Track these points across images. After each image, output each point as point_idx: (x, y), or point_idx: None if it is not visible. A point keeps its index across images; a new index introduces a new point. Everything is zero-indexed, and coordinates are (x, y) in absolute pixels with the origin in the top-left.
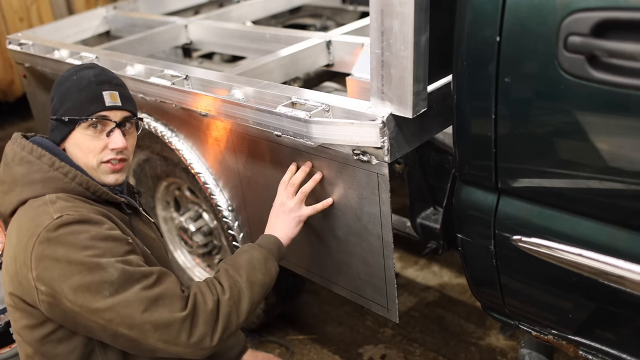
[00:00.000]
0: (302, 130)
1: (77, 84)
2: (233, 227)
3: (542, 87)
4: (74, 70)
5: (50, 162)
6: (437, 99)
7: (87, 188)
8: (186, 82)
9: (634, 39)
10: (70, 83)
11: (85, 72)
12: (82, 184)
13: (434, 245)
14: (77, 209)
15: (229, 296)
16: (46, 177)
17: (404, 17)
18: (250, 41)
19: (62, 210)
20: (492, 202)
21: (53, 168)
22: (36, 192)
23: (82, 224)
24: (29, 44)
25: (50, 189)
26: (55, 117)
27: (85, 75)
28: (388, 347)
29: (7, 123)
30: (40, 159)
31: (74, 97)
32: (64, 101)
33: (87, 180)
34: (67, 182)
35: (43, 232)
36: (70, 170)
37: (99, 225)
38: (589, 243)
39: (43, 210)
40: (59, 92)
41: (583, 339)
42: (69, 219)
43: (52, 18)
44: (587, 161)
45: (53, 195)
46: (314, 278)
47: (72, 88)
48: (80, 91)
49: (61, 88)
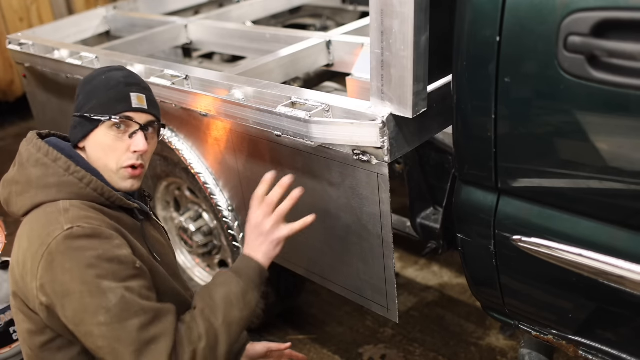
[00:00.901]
0: (302, 130)
1: (106, 83)
2: (233, 227)
3: (542, 87)
4: (103, 71)
5: (65, 166)
6: (437, 99)
7: (102, 194)
8: (186, 82)
9: (634, 39)
10: (99, 82)
11: (115, 73)
12: (97, 190)
13: (434, 245)
14: (89, 220)
15: (205, 344)
16: (61, 182)
17: (404, 17)
18: (250, 41)
19: (74, 221)
20: (492, 202)
21: (68, 172)
22: (50, 197)
23: (91, 239)
24: (29, 44)
25: (64, 194)
26: (80, 114)
27: (114, 76)
28: (388, 347)
29: (7, 123)
30: (56, 162)
31: (102, 95)
32: (90, 99)
33: (102, 186)
34: (82, 187)
35: (53, 242)
36: (86, 176)
37: (109, 242)
38: (589, 243)
39: (55, 218)
40: (85, 90)
41: (583, 339)
42: (79, 232)
43: (52, 18)
44: (587, 161)
45: (67, 202)
46: (314, 278)
47: (100, 87)
48: (109, 90)
49: (88, 87)
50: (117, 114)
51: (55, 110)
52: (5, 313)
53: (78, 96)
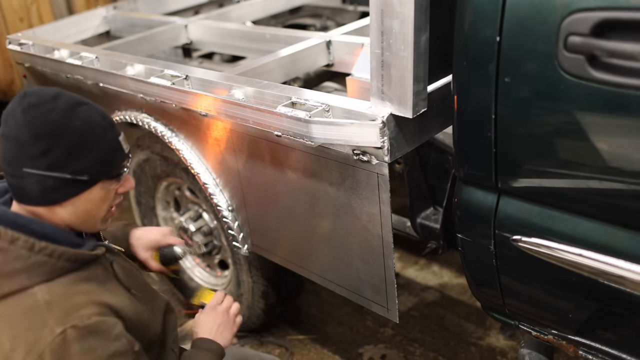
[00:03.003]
0: (302, 130)
1: (89, 133)
2: (233, 227)
3: (542, 87)
4: (69, 112)
5: (28, 246)
6: (437, 99)
7: (75, 261)
8: (186, 82)
9: (634, 39)
10: (78, 133)
11: (85, 114)
12: (70, 259)
13: (434, 245)
14: (78, 310)
15: None
16: (28, 265)
17: (404, 17)
18: (250, 41)
19: (63, 321)
20: (492, 202)
21: (34, 252)
22: (22, 285)
23: (87, 340)
24: (29, 44)
25: (37, 277)
26: (64, 175)
27: (92, 120)
28: (388, 347)
29: None
30: (14, 243)
31: (93, 151)
32: (75, 156)
33: (74, 253)
34: (53, 263)
35: (47, 353)
36: (56, 249)
37: (106, 335)
38: (589, 243)
39: (39, 318)
40: (62, 144)
41: (583, 339)
42: (74, 336)
43: (52, 18)
44: (587, 161)
45: (44, 288)
46: (314, 278)
47: (85, 139)
48: (97, 144)
49: (65, 138)
50: (117, 168)
51: None
52: None
53: (48, 150)
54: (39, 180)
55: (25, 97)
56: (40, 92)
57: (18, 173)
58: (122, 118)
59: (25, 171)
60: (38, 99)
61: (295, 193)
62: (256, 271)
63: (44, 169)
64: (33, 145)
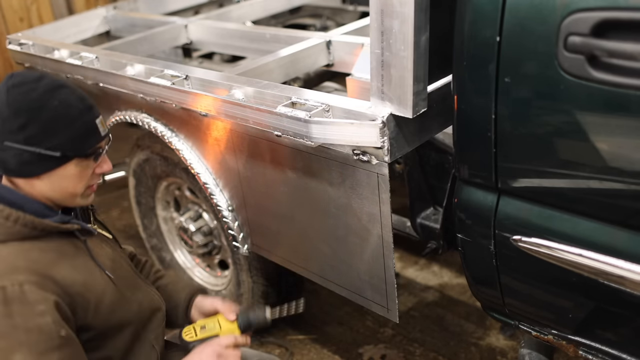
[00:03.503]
0: (302, 130)
1: (65, 113)
2: (233, 227)
3: (542, 87)
4: (49, 93)
5: None
6: (437, 99)
7: (34, 227)
8: (186, 82)
9: (634, 39)
10: (55, 111)
11: (64, 95)
12: (27, 225)
13: (434, 245)
14: (14, 275)
15: None
16: None
17: (404, 17)
18: (250, 41)
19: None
20: (492, 202)
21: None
22: None
23: (11, 304)
24: (29, 44)
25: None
26: (38, 150)
27: (70, 101)
28: (388, 347)
29: None
30: None
31: (67, 129)
32: (52, 133)
33: (31, 220)
34: (9, 226)
35: None
36: (11, 213)
37: (30, 308)
38: (589, 243)
39: None
40: (38, 120)
41: (583, 339)
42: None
43: (52, 18)
44: (587, 161)
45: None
46: (314, 278)
47: (61, 119)
48: (72, 123)
49: (41, 115)
50: (91, 148)
51: None
52: None
53: (25, 125)
54: (17, 153)
55: (12, 77)
56: (26, 74)
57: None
58: (122, 118)
59: (5, 144)
60: (22, 79)
61: (295, 193)
62: (256, 271)
63: (21, 143)
64: (12, 120)
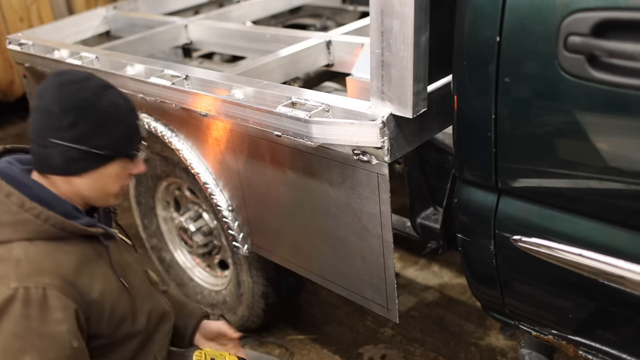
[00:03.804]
0: (302, 130)
1: (113, 113)
2: (233, 227)
3: (542, 87)
4: (98, 93)
5: (19, 202)
6: (437, 99)
7: (63, 229)
8: (186, 82)
9: (634, 39)
10: (104, 112)
11: (112, 96)
12: (57, 226)
13: (434, 245)
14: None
15: None
16: (15, 220)
17: (404, 17)
18: (250, 41)
19: (21, 280)
20: (492, 202)
21: (23, 209)
22: (6, 236)
23: (30, 307)
24: (29, 44)
25: (21, 233)
26: (87, 148)
27: (118, 102)
28: (388, 347)
29: (7, 123)
30: (8, 197)
31: (114, 130)
32: (99, 132)
33: (61, 221)
34: (39, 224)
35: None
36: (42, 212)
37: (50, 312)
38: (589, 243)
39: (4, 270)
40: (88, 119)
41: (583, 339)
42: (22, 296)
43: (52, 18)
44: (587, 161)
45: (22, 246)
46: (314, 278)
47: (109, 118)
48: (119, 123)
49: (91, 114)
50: (133, 148)
51: None
52: None
53: (75, 123)
54: (63, 150)
55: (61, 75)
56: (73, 72)
57: (44, 143)
58: None
59: (51, 141)
60: (71, 77)
61: (295, 193)
62: (256, 271)
63: (69, 141)
64: (62, 118)
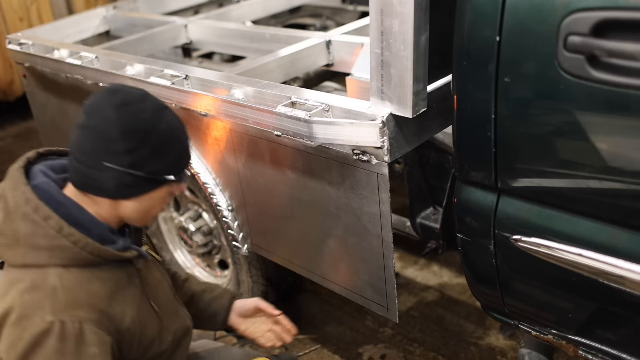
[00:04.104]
0: (302, 130)
1: (171, 137)
2: (233, 227)
3: (542, 87)
4: (157, 115)
5: (58, 227)
6: (437, 99)
7: (99, 256)
8: (186, 82)
9: (634, 39)
10: (162, 136)
11: (169, 118)
12: (94, 253)
13: (434, 245)
14: (76, 311)
15: None
16: (53, 246)
17: (404, 17)
18: (250, 41)
19: (57, 314)
20: (492, 202)
21: (61, 235)
22: (41, 261)
23: (66, 342)
24: (29, 44)
25: (57, 259)
26: (142, 173)
27: (175, 124)
28: (388, 347)
29: (7, 123)
30: (46, 221)
31: (171, 153)
32: (157, 157)
33: (98, 248)
34: (76, 252)
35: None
36: (81, 239)
37: (86, 348)
38: (589, 243)
39: (40, 299)
40: (148, 144)
41: (583, 339)
42: (58, 331)
43: (52, 18)
44: (587, 161)
45: (58, 274)
46: (314, 278)
47: (168, 142)
48: (176, 147)
49: (151, 139)
50: (185, 171)
51: (55, 110)
52: None
53: (134, 149)
54: (117, 176)
55: (117, 94)
56: (130, 91)
57: (97, 166)
58: None
59: (105, 165)
60: (128, 97)
61: (295, 193)
62: (256, 271)
63: (126, 167)
64: (120, 143)
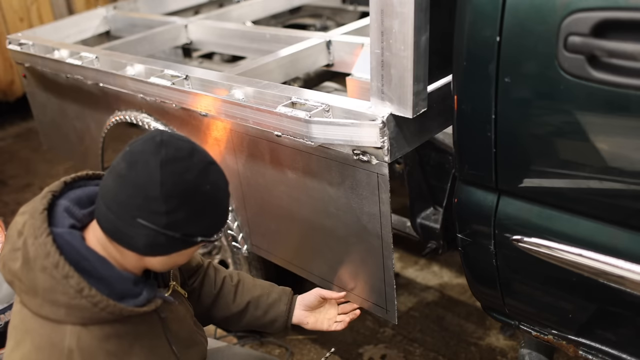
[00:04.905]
0: (302, 130)
1: (214, 198)
2: (233, 227)
3: (542, 87)
4: (203, 174)
5: (78, 287)
6: (437, 99)
7: (120, 314)
8: (186, 82)
9: (634, 39)
10: (205, 197)
11: (215, 176)
12: (115, 313)
13: (434, 245)
14: None
15: None
16: (72, 304)
17: (404, 17)
18: (250, 41)
19: None
20: (492, 202)
21: (81, 295)
22: (58, 317)
23: None
24: (29, 44)
25: (74, 318)
26: (176, 234)
27: (219, 184)
28: (388, 347)
29: (7, 123)
30: (66, 279)
31: (211, 215)
32: (196, 220)
33: (120, 309)
34: (95, 312)
35: None
36: (102, 300)
37: None
38: (589, 243)
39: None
40: (188, 207)
41: (583, 339)
42: None
43: (52, 18)
44: (587, 161)
45: (75, 334)
46: (314, 279)
47: (209, 204)
48: (217, 208)
49: (192, 202)
50: (218, 232)
51: (55, 110)
52: (5, 313)
53: (173, 210)
54: (150, 234)
55: (163, 147)
56: (177, 143)
57: (129, 221)
58: (122, 118)
59: (138, 221)
60: (176, 153)
61: (295, 193)
62: (256, 271)
63: (161, 227)
64: (160, 203)
